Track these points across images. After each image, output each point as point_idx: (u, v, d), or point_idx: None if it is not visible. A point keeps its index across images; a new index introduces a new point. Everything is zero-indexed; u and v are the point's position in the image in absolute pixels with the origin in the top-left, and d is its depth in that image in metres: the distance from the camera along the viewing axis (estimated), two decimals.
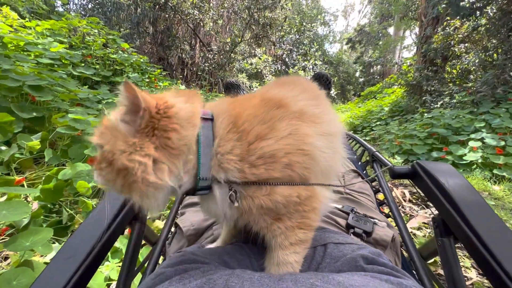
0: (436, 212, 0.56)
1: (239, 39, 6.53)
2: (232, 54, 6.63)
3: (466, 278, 1.29)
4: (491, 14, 4.79)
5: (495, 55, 4.78)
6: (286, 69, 10.51)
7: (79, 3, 8.77)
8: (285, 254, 0.41)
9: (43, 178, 1.48)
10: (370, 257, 0.40)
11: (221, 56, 6.55)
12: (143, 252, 1.19)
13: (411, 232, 1.65)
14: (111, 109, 0.41)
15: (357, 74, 19.12)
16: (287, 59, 10.87)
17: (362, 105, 9.47)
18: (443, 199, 0.52)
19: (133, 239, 0.56)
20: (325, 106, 0.46)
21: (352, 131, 6.72)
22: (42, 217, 1.37)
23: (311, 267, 0.42)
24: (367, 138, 5.70)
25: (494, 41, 4.84)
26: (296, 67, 8.92)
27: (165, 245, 0.61)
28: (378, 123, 6.29)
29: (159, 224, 1.46)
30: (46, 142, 1.75)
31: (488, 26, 4.82)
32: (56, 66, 2.95)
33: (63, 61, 3.15)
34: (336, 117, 0.46)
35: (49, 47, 3.04)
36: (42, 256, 1.17)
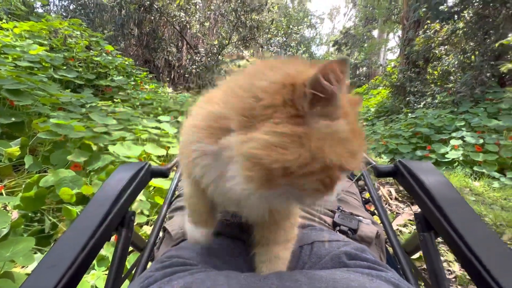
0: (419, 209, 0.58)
1: (227, 42, 6.53)
2: (219, 57, 6.61)
3: (449, 272, 1.34)
4: (468, 18, 5.02)
5: (472, 57, 5.01)
6: None
7: (60, 4, 8.51)
8: (280, 249, 0.42)
9: (23, 185, 1.42)
10: (353, 253, 0.41)
11: (209, 59, 6.52)
12: (131, 259, 1.17)
13: (397, 229, 1.70)
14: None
15: None
16: None
17: None
18: (423, 196, 0.54)
19: (119, 246, 0.55)
20: None
21: None
22: (22, 226, 1.31)
23: (298, 267, 0.43)
24: None
25: (471, 44, 5.08)
26: None
27: (154, 251, 0.60)
28: (365, 123, 6.45)
29: (147, 229, 1.43)
30: (26, 148, 1.68)
31: (465, 29, 5.05)
32: (36, 69, 2.85)
33: (43, 64, 3.04)
34: None
35: (28, 49, 2.94)
36: (23, 267, 1.12)
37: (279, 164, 0.28)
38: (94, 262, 1.14)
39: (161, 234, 0.63)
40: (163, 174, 0.71)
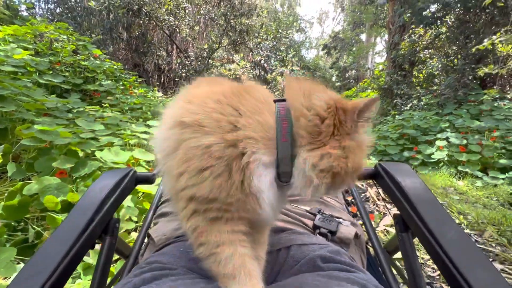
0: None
1: (217, 46, 6.55)
2: (210, 60, 6.62)
3: (434, 269, 1.38)
4: (450, 23, 5.22)
5: (455, 60, 5.20)
6: (265, 75, 10.66)
7: (46, 7, 8.35)
8: (260, 250, 0.44)
9: (6, 194, 1.38)
10: (328, 256, 0.42)
11: (199, 63, 6.51)
12: (119, 266, 1.15)
13: (384, 229, 1.74)
14: None
15: (334, 78, 19.82)
16: (265, 65, 11.05)
17: None
18: (400, 197, 0.56)
19: (103, 253, 0.54)
20: None
21: None
22: (5, 236, 1.27)
23: (274, 270, 0.44)
24: None
25: (454, 48, 5.27)
26: (274, 73, 9.12)
27: (139, 257, 0.60)
28: None
29: (136, 236, 1.42)
30: (8, 156, 1.64)
31: (448, 34, 5.25)
32: (20, 74, 2.78)
33: (28, 68, 2.97)
34: None
35: (12, 53, 2.86)
36: (5, 278, 1.08)
37: (344, 170, 0.39)
38: (80, 271, 1.12)
39: (146, 240, 0.63)
40: (149, 180, 0.71)
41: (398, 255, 0.73)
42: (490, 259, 1.52)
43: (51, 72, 3.28)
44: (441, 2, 4.71)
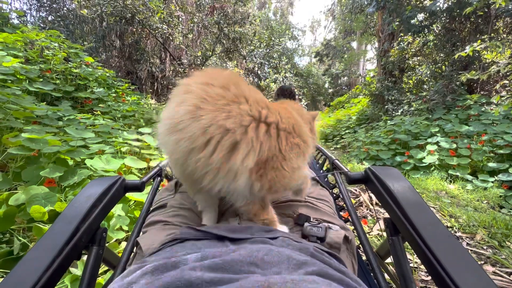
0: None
1: (210, 53, 6.59)
2: (203, 68, 6.65)
3: (427, 273, 1.38)
4: (437, 31, 5.40)
5: (443, 67, 5.36)
6: (258, 82, 10.74)
7: (38, 15, 8.30)
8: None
9: None
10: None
11: (192, 70, 6.53)
12: (108, 277, 1.12)
13: (378, 233, 1.74)
14: None
15: (326, 85, 20.14)
16: (259, 72, 11.16)
17: (332, 115, 9.95)
18: (390, 201, 0.56)
19: (89, 264, 0.53)
20: None
21: (323, 140, 6.99)
22: None
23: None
24: (337, 146, 5.96)
25: (441, 55, 5.43)
26: (267, 80, 9.20)
27: (126, 267, 0.58)
28: (347, 131, 6.64)
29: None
30: None
31: (435, 41, 5.41)
32: (9, 81, 2.74)
33: (17, 76, 2.93)
34: None
35: (1, 61, 2.82)
36: None
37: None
38: (68, 283, 1.08)
39: (135, 250, 0.61)
40: (138, 188, 0.70)
41: (390, 259, 0.73)
42: (482, 262, 1.53)
43: (41, 79, 3.23)
44: (428, 11, 4.87)
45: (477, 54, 4.39)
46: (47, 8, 8.14)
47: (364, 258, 0.78)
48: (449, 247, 0.44)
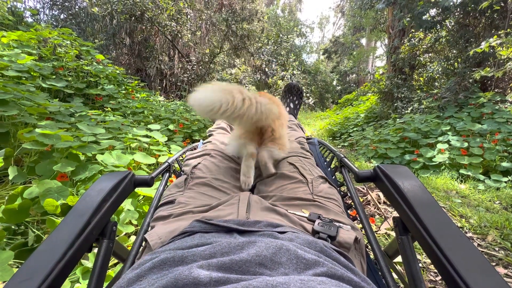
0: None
1: (218, 50, 6.60)
2: (211, 65, 6.67)
3: (436, 274, 1.36)
4: (449, 26, 5.24)
5: (455, 63, 5.20)
6: (266, 79, 10.70)
7: (51, 13, 8.48)
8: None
9: (7, 197, 1.38)
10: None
11: (200, 67, 6.56)
12: (118, 269, 1.14)
13: (385, 232, 1.72)
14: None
15: (334, 82, 19.87)
16: (266, 69, 11.11)
17: (339, 112, 9.83)
18: (400, 200, 0.55)
19: (100, 257, 0.54)
20: None
21: (331, 138, 6.93)
22: (5, 240, 1.27)
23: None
24: (345, 144, 5.90)
25: (454, 51, 5.28)
26: (275, 77, 9.15)
27: (135, 261, 0.60)
28: (355, 129, 6.55)
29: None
30: (10, 159, 1.65)
31: (448, 37, 5.26)
32: (24, 78, 2.81)
33: (31, 73, 3.01)
34: None
35: (16, 59, 2.90)
36: (2, 282, 1.08)
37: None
38: (79, 275, 1.12)
39: (144, 244, 0.62)
40: (147, 183, 0.71)
41: (399, 258, 0.72)
42: (494, 264, 1.50)
43: (54, 76, 3.31)
44: (440, 6, 4.73)
45: (491, 51, 4.24)
46: (60, 6, 8.31)
47: (371, 256, 0.77)
48: (461, 248, 0.43)
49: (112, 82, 4.30)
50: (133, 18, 5.86)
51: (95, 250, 0.57)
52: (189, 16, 6.54)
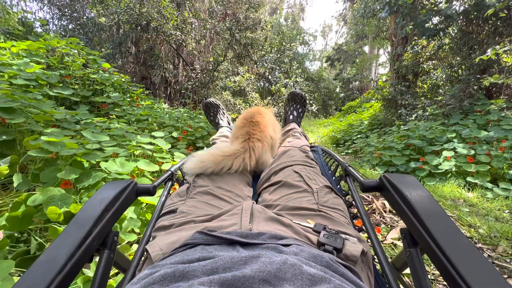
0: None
1: (222, 58, 6.68)
2: (215, 73, 6.74)
3: (445, 286, 1.31)
4: (453, 34, 5.25)
5: (459, 70, 5.19)
6: (269, 86, 10.77)
7: (59, 24, 8.71)
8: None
9: (11, 205, 1.39)
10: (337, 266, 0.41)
11: (204, 75, 6.64)
12: (119, 279, 1.13)
13: (392, 242, 1.68)
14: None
15: (338, 89, 19.93)
16: (269, 77, 11.19)
17: (343, 119, 9.81)
18: (407, 211, 0.54)
19: (100, 268, 0.53)
20: None
21: (334, 145, 6.89)
22: (7, 247, 1.27)
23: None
24: (349, 151, 5.86)
25: (458, 58, 5.26)
26: (278, 84, 9.21)
27: (136, 272, 0.58)
28: (359, 136, 6.51)
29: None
30: (15, 167, 1.66)
31: (451, 45, 5.26)
32: (31, 86, 2.87)
33: (39, 81, 3.07)
34: None
35: (24, 67, 2.97)
36: None
37: None
38: (80, 284, 1.10)
39: (145, 254, 0.61)
40: (149, 192, 0.70)
41: (407, 270, 0.70)
42: (505, 276, 1.45)
43: (61, 85, 3.37)
44: (443, 14, 4.75)
45: (496, 58, 4.22)
46: (68, 17, 8.55)
47: (377, 267, 0.75)
48: (473, 261, 0.41)
49: (118, 90, 4.36)
50: (139, 27, 5.98)
51: (97, 259, 0.57)
52: (193, 26, 6.66)
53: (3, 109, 1.89)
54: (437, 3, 5.30)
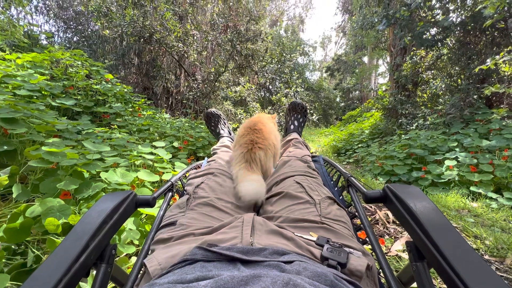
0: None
1: (223, 69, 6.77)
2: (216, 83, 6.81)
3: None
4: (451, 45, 5.32)
5: (459, 80, 5.22)
6: (270, 96, 10.86)
7: (64, 36, 8.91)
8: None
9: (9, 216, 1.37)
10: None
11: (206, 85, 6.71)
12: None
13: (396, 254, 1.64)
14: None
15: (338, 99, 20.08)
16: (270, 87, 11.31)
17: (344, 129, 9.82)
18: (412, 223, 0.52)
19: (97, 283, 0.52)
20: None
21: (336, 154, 6.87)
22: (4, 260, 1.25)
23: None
24: (350, 160, 5.83)
25: (456, 68, 5.31)
26: (279, 94, 9.29)
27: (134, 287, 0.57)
28: (360, 145, 6.50)
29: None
30: (15, 177, 1.65)
31: (449, 55, 5.33)
32: (35, 97, 2.90)
33: (43, 92, 3.11)
34: None
35: (28, 79, 3.01)
36: None
37: None
38: None
39: (143, 268, 0.60)
40: (149, 203, 0.69)
41: (414, 284, 0.67)
42: None
43: (64, 95, 3.41)
44: (440, 25, 4.83)
45: (495, 67, 4.26)
46: (73, 29, 8.76)
47: (382, 280, 0.72)
48: (483, 276, 0.40)
49: (120, 100, 4.40)
50: (142, 39, 6.10)
51: (94, 272, 0.55)
52: (195, 37, 6.80)
53: (5, 119, 1.90)
54: (435, 15, 5.40)
